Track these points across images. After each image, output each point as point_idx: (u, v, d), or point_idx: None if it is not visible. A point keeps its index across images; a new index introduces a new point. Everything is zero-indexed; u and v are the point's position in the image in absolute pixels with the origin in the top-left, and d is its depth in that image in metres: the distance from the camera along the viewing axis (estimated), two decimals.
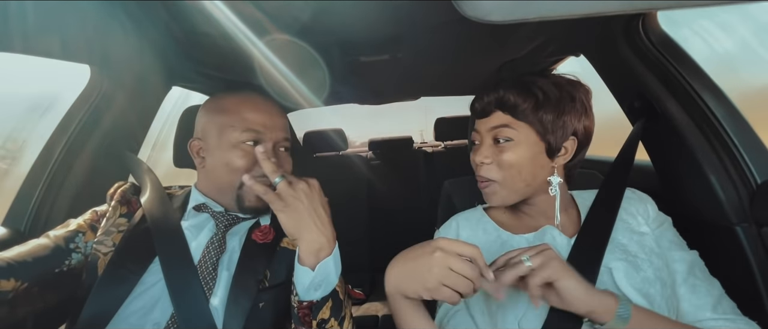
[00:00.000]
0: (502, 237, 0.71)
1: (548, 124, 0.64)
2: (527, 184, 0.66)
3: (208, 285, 0.63)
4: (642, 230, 0.65)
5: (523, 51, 1.11)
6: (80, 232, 0.67)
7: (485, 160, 0.67)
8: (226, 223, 0.72)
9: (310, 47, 0.94)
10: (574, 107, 0.65)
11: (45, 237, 0.65)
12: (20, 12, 0.62)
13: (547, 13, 0.35)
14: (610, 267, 0.60)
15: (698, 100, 0.77)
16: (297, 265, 0.60)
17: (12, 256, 0.58)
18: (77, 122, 0.85)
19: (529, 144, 0.65)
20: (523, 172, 0.65)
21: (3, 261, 0.56)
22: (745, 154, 0.73)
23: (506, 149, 0.65)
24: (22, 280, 0.57)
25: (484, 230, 0.73)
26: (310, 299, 0.59)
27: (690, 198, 0.83)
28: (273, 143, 0.73)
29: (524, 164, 0.64)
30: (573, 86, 0.66)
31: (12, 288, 0.55)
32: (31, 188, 0.81)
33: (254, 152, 0.69)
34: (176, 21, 0.77)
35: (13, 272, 0.56)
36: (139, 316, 0.60)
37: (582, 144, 0.68)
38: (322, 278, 0.58)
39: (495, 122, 0.66)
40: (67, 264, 0.63)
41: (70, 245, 0.64)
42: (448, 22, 0.85)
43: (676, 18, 0.88)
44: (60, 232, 0.66)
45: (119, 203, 0.71)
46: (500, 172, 0.65)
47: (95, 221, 0.69)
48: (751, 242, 0.73)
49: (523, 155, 0.64)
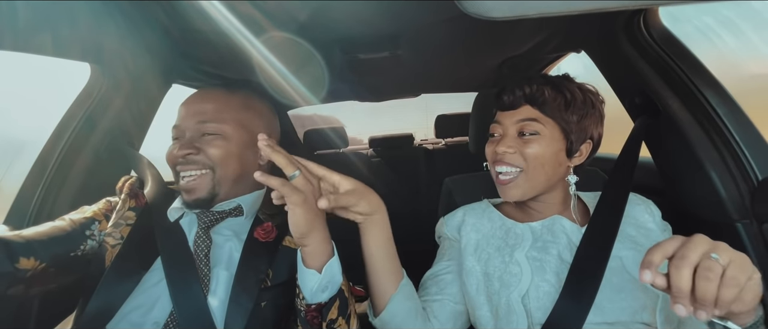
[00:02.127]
0: (506, 224, 0.73)
1: (572, 125, 0.67)
2: (547, 179, 0.68)
3: (204, 282, 0.63)
4: (649, 227, 0.68)
5: (524, 47, 1.11)
6: (96, 220, 0.68)
7: (509, 149, 0.67)
8: (207, 220, 0.71)
9: (308, 45, 0.93)
10: (594, 114, 0.69)
11: (61, 220, 0.65)
12: (20, 10, 0.62)
13: (547, 9, 0.35)
14: (621, 256, 0.62)
15: (699, 96, 0.77)
16: (302, 268, 0.58)
17: (31, 235, 0.59)
18: (77, 121, 0.85)
19: (553, 140, 0.67)
20: (545, 166, 0.67)
21: (23, 239, 0.57)
22: (746, 151, 0.73)
23: (531, 142, 0.67)
24: (41, 260, 0.58)
25: (489, 219, 0.75)
26: (318, 301, 0.58)
27: (691, 195, 0.83)
28: (192, 132, 0.71)
29: (547, 158, 0.67)
30: (594, 95, 0.71)
31: (31, 267, 0.57)
32: (31, 187, 0.81)
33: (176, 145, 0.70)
34: (175, 19, 0.77)
35: (33, 251, 0.57)
36: (139, 314, 0.61)
37: (594, 149, 0.72)
38: (328, 278, 0.58)
39: (523, 115, 0.68)
40: (81, 249, 0.64)
41: (86, 231, 0.66)
42: (448, 19, 0.84)
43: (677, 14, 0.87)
44: (76, 217, 0.67)
45: (128, 196, 0.72)
46: (524, 162, 0.67)
47: (109, 211, 0.70)
48: (752, 238, 0.73)
49: (547, 150, 0.66)
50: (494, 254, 0.68)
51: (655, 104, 0.84)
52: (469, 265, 0.69)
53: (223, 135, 0.72)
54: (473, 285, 0.67)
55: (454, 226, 0.77)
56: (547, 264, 0.64)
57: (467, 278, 0.69)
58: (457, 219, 0.77)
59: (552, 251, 0.65)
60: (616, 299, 0.58)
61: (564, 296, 0.58)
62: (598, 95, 0.72)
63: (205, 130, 0.71)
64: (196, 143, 0.70)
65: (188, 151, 0.69)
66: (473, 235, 0.73)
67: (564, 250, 0.65)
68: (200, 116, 0.72)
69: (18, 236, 0.58)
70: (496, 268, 0.66)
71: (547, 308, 0.59)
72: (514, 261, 0.65)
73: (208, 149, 0.70)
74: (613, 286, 0.59)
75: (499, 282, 0.64)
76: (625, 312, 0.58)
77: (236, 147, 0.73)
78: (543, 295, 0.60)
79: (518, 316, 0.60)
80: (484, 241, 0.71)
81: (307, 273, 0.57)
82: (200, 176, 0.70)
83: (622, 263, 0.61)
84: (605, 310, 0.58)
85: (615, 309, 0.58)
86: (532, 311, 0.60)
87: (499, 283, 0.64)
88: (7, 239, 0.56)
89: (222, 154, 0.71)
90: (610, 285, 0.59)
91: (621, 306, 0.58)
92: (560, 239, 0.66)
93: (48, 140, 0.84)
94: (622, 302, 0.58)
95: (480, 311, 0.65)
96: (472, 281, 0.68)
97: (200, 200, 0.71)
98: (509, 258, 0.66)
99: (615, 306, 0.58)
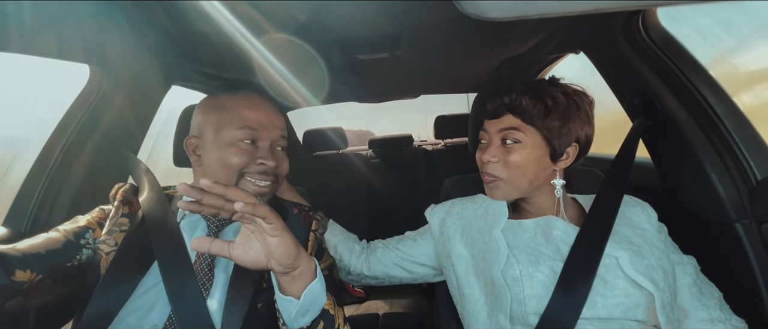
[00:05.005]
0: (486, 202, 0.77)
1: (554, 130, 0.67)
2: (530, 183, 0.70)
3: (205, 287, 0.63)
4: (644, 227, 0.69)
5: (522, 48, 1.11)
6: (90, 229, 0.67)
7: (492, 159, 0.71)
8: (218, 224, 0.71)
9: (308, 46, 0.93)
10: (579, 116, 0.68)
11: (55, 231, 0.65)
12: (20, 12, 0.62)
13: (546, 9, 0.35)
14: (616, 256, 0.63)
15: (698, 97, 0.77)
16: (279, 295, 0.56)
17: (26, 248, 0.59)
18: (77, 122, 0.85)
19: (535, 147, 0.68)
20: (527, 173, 0.69)
21: (19, 252, 0.57)
22: (745, 151, 0.73)
23: (513, 151, 0.69)
24: (37, 272, 0.58)
25: (472, 201, 0.80)
26: (299, 326, 0.56)
27: (690, 195, 0.83)
28: (270, 141, 0.73)
29: (529, 165, 0.68)
30: (579, 96, 0.70)
31: (27, 279, 0.56)
32: (31, 188, 0.81)
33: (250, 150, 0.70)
34: (175, 20, 0.77)
35: (28, 263, 0.57)
36: (136, 318, 0.60)
37: (582, 151, 0.71)
38: (310, 302, 0.56)
39: (505, 124, 0.70)
40: (77, 259, 0.64)
41: (81, 240, 0.65)
42: (447, 20, 0.84)
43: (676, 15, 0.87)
44: (70, 227, 0.66)
45: (121, 203, 0.71)
46: (506, 171, 0.70)
47: (102, 219, 0.70)
48: (751, 239, 0.73)
49: (529, 157, 0.68)
50: (476, 235, 0.73)
51: (654, 105, 0.84)
52: (457, 250, 0.74)
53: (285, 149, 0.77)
54: (463, 267, 0.72)
55: (438, 219, 0.81)
56: (541, 256, 0.65)
57: (457, 262, 0.73)
58: (443, 211, 0.82)
59: (545, 250, 0.66)
60: (609, 295, 0.60)
61: (557, 292, 0.60)
62: (586, 96, 0.71)
63: (282, 144, 0.76)
64: (275, 154, 0.74)
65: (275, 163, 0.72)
66: (458, 222, 0.77)
67: (558, 249, 0.66)
68: (281, 129, 0.75)
69: (13, 249, 0.57)
70: (479, 249, 0.70)
71: (541, 296, 0.61)
72: (493, 239, 0.69)
73: (283, 165, 0.75)
74: (607, 283, 0.61)
75: (483, 260, 0.68)
76: (618, 309, 0.59)
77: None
78: (537, 284, 0.62)
79: (501, 289, 0.63)
80: (468, 225, 0.75)
81: (284, 299, 0.55)
82: (272, 186, 0.74)
83: (616, 262, 0.62)
84: (598, 306, 0.59)
85: (607, 306, 0.59)
86: (526, 299, 0.61)
87: (483, 262, 0.68)
88: (2, 252, 0.56)
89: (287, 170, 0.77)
90: (604, 282, 0.61)
91: (613, 302, 0.59)
92: (554, 240, 0.67)
93: (48, 141, 0.84)
94: (614, 299, 0.60)
95: (470, 289, 0.70)
96: (462, 264, 0.72)
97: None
98: (488, 237, 0.70)
99: (608, 302, 0.60)
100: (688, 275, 0.66)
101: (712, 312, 0.63)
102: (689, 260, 0.68)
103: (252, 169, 0.70)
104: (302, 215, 0.78)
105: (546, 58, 1.26)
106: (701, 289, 0.65)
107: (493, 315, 0.65)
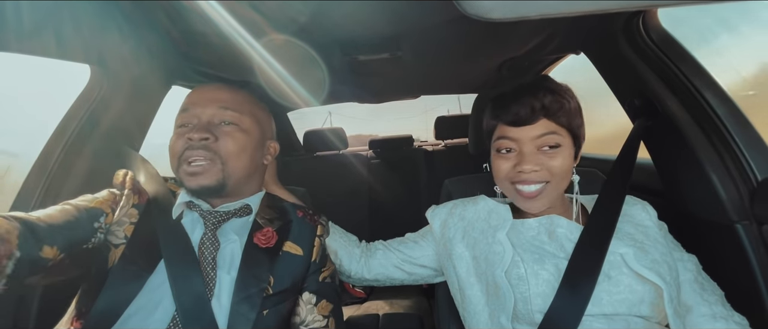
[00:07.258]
0: (489, 205, 0.76)
1: (578, 129, 0.68)
2: (566, 186, 0.69)
3: (208, 287, 0.63)
4: (646, 224, 0.69)
5: (523, 49, 1.11)
6: (104, 213, 0.64)
7: (535, 168, 0.65)
8: (214, 221, 0.70)
9: (308, 46, 0.93)
10: (581, 113, 0.69)
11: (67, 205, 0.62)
12: (20, 12, 0.62)
13: (547, 10, 0.35)
14: (621, 253, 0.63)
15: (699, 98, 0.77)
16: None
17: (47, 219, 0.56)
18: (77, 122, 0.85)
19: (570, 148, 0.67)
20: (567, 176, 0.68)
21: (44, 224, 0.54)
22: (745, 152, 0.73)
23: (556, 156, 0.65)
24: (60, 250, 0.55)
25: (473, 203, 0.79)
26: None
27: (690, 196, 0.83)
28: (207, 118, 0.68)
29: (568, 168, 0.67)
30: (571, 92, 0.70)
31: (52, 257, 0.54)
32: (31, 188, 0.81)
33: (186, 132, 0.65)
34: (176, 21, 0.77)
35: (55, 239, 0.54)
36: (142, 316, 0.60)
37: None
38: None
39: (542, 129, 0.65)
40: (93, 242, 0.62)
41: (95, 224, 0.62)
42: (448, 21, 0.84)
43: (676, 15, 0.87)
44: (81, 204, 0.63)
45: (132, 192, 0.69)
46: (552, 178, 0.66)
47: (114, 204, 0.67)
48: (751, 239, 0.73)
49: (567, 159, 0.66)
50: (479, 237, 0.72)
51: (654, 106, 0.84)
52: (458, 251, 0.73)
53: (240, 126, 0.69)
54: (464, 268, 0.72)
55: (439, 221, 0.81)
56: (545, 255, 0.65)
57: (458, 263, 0.73)
58: (445, 212, 0.81)
59: (549, 248, 0.66)
60: (614, 291, 0.60)
61: (562, 289, 0.60)
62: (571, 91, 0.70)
63: (223, 117, 0.68)
64: (214, 130, 0.66)
65: (206, 135, 0.64)
66: (460, 224, 0.77)
67: (562, 247, 0.66)
68: (219, 102, 0.68)
69: (39, 219, 0.55)
70: (482, 250, 0.70)
71: (546, 294, 0.61)
72: (497, 241, 0.68)
73: (225, 140, 0.67)
74: (611, 280, 0.61)
75: (486, 262, 0.68)
76: (623, 305, 0.59)
77: (251, 142, 0.71)
78: (542, 282, 0.62)
79: (505, 291, 0.63)
80: (470, 227, 0.75)
81: None
82: (210, 164, 0.66)
83: (621, 259, 0.62)
84: (603, 302, 0.59)
85: (612, 302, 0.59)
86: (531, 297, 0.61)
87: (485, 263, 0.68)
88: (32, 222, 0.53)
89: (238, 147, 0.68)
90: (608, 278, 0.61)
91: (618, 298, 0.60)
92: (558, 238, 0.67)
93: (48, 141, 0.83)
94: (619, 295, 0.60)
95: (471, 290, 0.69)
96: (463, 265, 0.72)
97: (207, 188, 0.66)
98: (492, 239, 0.69)
99: (612, 298, 0.60)
100: (689, 271, 0.66)
101: (714, 307, 0.63)
102: (690, 257, 0.68)
103: (185, 155, 0.66)
104: (308, 218, 0.77)
105: (546, 59, 1.26)
106: (703, 285, 0.65)
107: (494, 316, 0.65)
